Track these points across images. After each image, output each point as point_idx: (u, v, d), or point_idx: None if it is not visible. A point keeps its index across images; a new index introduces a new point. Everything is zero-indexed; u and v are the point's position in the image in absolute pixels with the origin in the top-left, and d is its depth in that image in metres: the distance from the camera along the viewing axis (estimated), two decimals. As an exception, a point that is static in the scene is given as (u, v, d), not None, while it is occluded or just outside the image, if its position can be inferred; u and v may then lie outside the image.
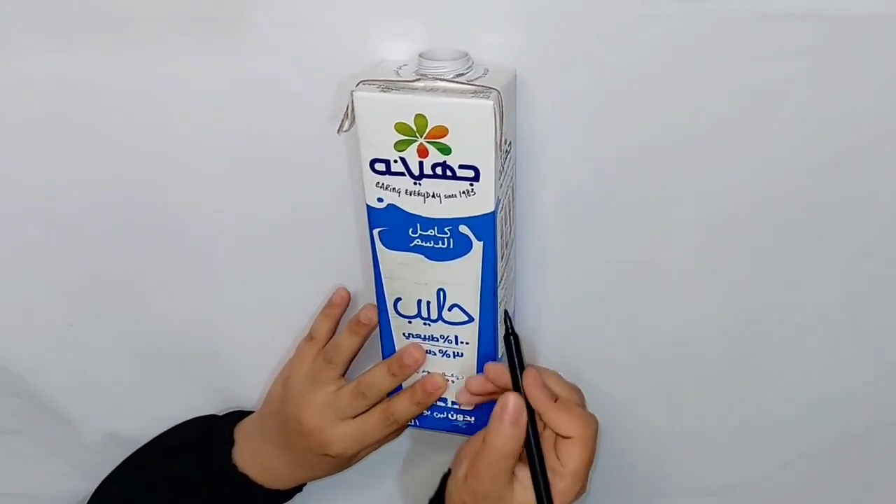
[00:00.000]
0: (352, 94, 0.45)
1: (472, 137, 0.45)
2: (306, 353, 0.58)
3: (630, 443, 0.65)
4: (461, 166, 0.46)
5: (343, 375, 0.57)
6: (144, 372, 0.63)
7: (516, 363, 0.50)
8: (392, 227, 0.49)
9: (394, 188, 0.48)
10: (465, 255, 0.49)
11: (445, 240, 0.49)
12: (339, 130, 0.47)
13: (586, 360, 0.60)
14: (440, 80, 0.45)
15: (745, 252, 0.55)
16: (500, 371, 0.51)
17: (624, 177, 0.52)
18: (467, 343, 0.53)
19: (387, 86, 0.45)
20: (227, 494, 0.59)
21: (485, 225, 0.48)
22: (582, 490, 0.49)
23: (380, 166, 0.47)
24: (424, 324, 0.53)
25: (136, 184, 0.55)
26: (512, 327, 0.51)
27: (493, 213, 0.47)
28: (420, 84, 0.45)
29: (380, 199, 0.48)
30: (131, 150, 0.54)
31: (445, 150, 0.46)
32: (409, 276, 0.51)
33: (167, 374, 0.63)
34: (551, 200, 0.54)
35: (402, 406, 0.54)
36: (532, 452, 0.49)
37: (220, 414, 0.63)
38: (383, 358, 0.55)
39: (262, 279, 0.59)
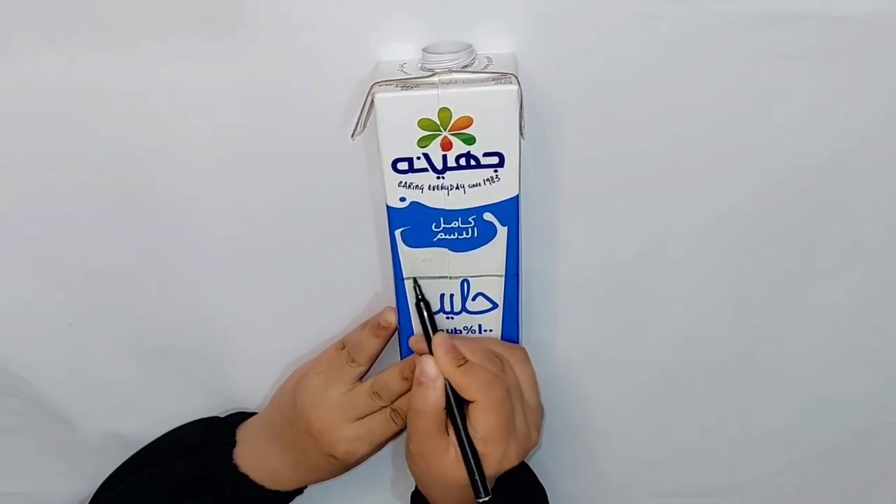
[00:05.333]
0: (373, 97, 0.45)
1: (496, 124, 0.46)
2: (329, 356, 0.58)
3: (630, 443, 0.65)
4: (485, 154, 0.47)
5: (362, 377, 0.57)
6: (144, 372, 0.62)
7: (429, 329, 0.52)
8: (415, 224, 0.49)
9: (416, 185, 0.48)
10: (489, 242, 0.50)
11: (470, 229, 0.49)
12: (353, 135, 0.46)
13: (587, 362, 0.61)
14: (453, 72, 0.45)
15: (745, 253, 0.55)
16: (416, 340, 0.53)
17: (623, 178, 0.53)
18: (491, 330, 0.53)
19: (405, 84, 0.45)
20: (228, 495, 0.59)
21: (509, 209, 0.49)
22: (517, 453, 0.51)
23: (402, 165, 0.47)
24: (448, 318, 0.53)
25: (138, 184, 0.54)
26: (421, 295, 0.52)
27: (518, 197, 0.48)
28: (436, 78, 0.45)
29: (402, 199, 0.48)
30: (131, 151, 0.53)
31: (469, 140, 0.46)
32: (433, 271, 0.51)
33: (168, 374, 0.62)
34: (550, 202, 0.54)
35: (405, 400, 0.55)
36: (454, 416, 0.51)
37: (222, 416, 0.63)
38: (401, 358, 0.55)
39: (265, 281, 0.58)
